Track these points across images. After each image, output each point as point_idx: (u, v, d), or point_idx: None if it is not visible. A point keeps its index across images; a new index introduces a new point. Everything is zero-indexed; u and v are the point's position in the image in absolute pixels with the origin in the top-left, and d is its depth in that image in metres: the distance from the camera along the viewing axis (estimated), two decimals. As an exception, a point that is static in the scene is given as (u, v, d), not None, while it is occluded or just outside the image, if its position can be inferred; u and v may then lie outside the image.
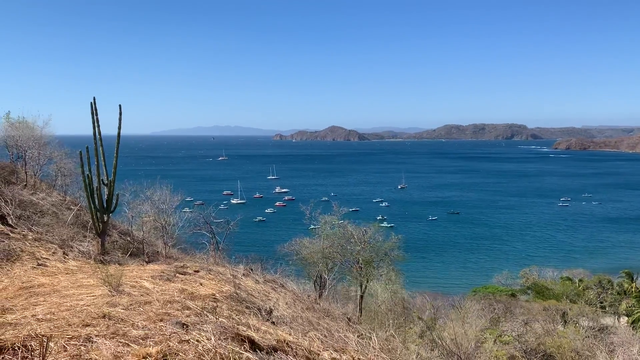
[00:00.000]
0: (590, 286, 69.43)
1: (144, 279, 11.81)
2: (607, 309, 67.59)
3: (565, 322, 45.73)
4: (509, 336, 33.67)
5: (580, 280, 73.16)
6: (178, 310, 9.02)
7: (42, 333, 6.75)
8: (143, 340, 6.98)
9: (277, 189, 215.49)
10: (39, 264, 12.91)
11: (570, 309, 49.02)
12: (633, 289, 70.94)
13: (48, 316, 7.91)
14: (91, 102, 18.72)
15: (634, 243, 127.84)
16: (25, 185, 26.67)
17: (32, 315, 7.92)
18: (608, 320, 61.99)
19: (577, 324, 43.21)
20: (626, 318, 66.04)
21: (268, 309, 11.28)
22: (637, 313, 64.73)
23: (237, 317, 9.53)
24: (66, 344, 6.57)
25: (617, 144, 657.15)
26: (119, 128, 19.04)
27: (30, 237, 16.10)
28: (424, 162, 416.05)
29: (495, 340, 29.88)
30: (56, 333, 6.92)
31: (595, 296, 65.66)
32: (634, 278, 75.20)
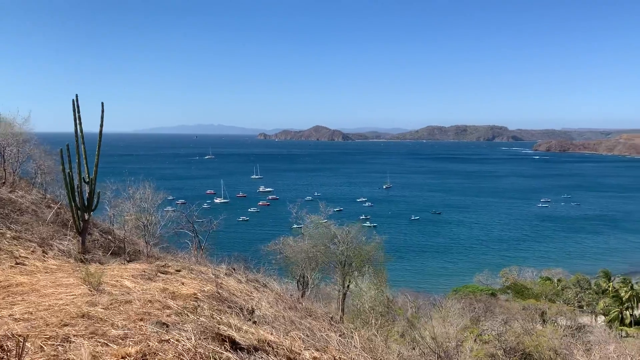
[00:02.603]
0: (569, 286, 70.62)
1: (125, 278, 11.71)
2: (584, 308, 68.80)
3: (544, 321, 46.54)
4: (489, 335, 34.12)
5: (559, 280, 74.30)
6: (159, 309, 8.98)
7: (19, 333, 6.67)
8: (122, 339, 6.94)
9: (261, 188, 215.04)
10: (17, 263, 12.72)
11: (549, 309, 49.90)
12: (610, 289, 72.32)
13: (26, 316, 7.81)
14: (73, 100, 18.47)
15: (610, 243, 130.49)
16: (4, 182, 26.19)
17: (9, 315, 7.81)
18: (585, 320, 63.17)
19: (556, 323, 44.00)
20: (603, 317, 67.26)
21: (250, 309, 11.26)
22: (613, 312, 66.05)
23: (219, 316, 9.50)
24: (43, 343, 6.50)
25: (595, 147, 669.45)
26: (101, 126, 18.82)
27: (8, 236, 15.84)
28: (406, 163, 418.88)
29: (475, 339, 30.27)
30: (33, 333, 6.85)
31: (573, 295, 66.79)
32: (611, 278, 76.61)
